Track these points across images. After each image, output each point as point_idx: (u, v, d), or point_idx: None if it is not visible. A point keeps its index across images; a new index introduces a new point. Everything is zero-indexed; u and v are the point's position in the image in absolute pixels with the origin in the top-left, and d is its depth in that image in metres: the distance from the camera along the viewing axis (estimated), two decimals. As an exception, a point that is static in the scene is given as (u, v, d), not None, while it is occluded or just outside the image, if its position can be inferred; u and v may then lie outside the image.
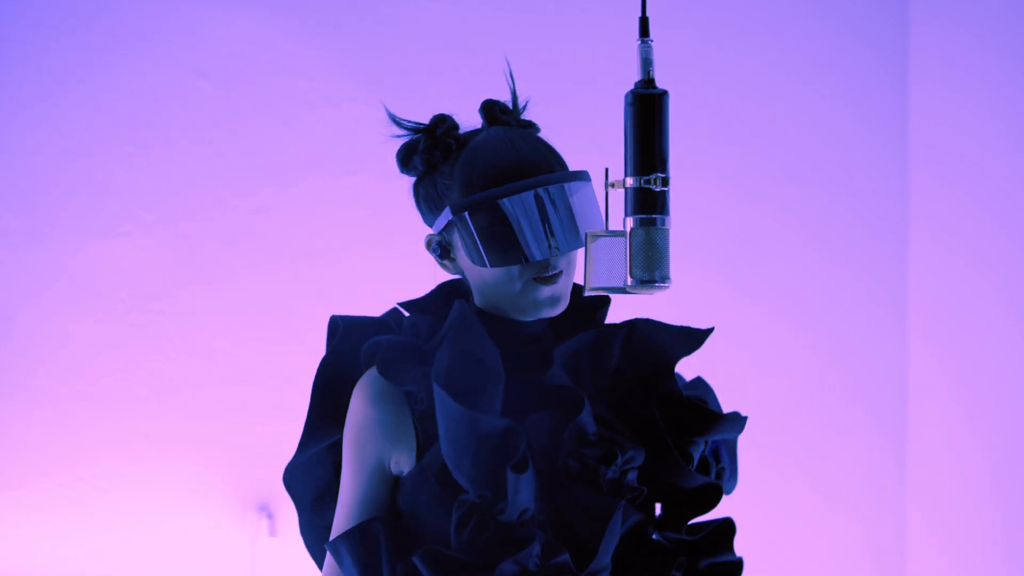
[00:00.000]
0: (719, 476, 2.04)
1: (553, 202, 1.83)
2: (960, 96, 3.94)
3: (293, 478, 2.02)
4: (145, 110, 3.57)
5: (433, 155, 1.91)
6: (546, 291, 1.86)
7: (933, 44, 4.04)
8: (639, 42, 1.75)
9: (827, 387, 4.05)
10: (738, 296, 3.98)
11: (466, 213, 1.82)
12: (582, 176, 1.88)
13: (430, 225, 1.94)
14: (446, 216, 1.86)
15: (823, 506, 4.04)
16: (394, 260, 3.53)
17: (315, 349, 2.14)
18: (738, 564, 1.99)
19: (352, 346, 1.94)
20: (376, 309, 2.06)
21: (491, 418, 1.78)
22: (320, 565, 2.02)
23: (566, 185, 1.85)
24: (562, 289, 1.88)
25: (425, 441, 1.85)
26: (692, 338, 1.96)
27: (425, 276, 2.07)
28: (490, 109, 1.97)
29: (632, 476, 1.88)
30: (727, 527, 1.99)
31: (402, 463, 1.88)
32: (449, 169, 1.89)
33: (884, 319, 4.10)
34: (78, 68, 3.53)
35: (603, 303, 1.97)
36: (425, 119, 1.96)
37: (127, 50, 3.57)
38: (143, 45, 3.57)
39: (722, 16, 4.02)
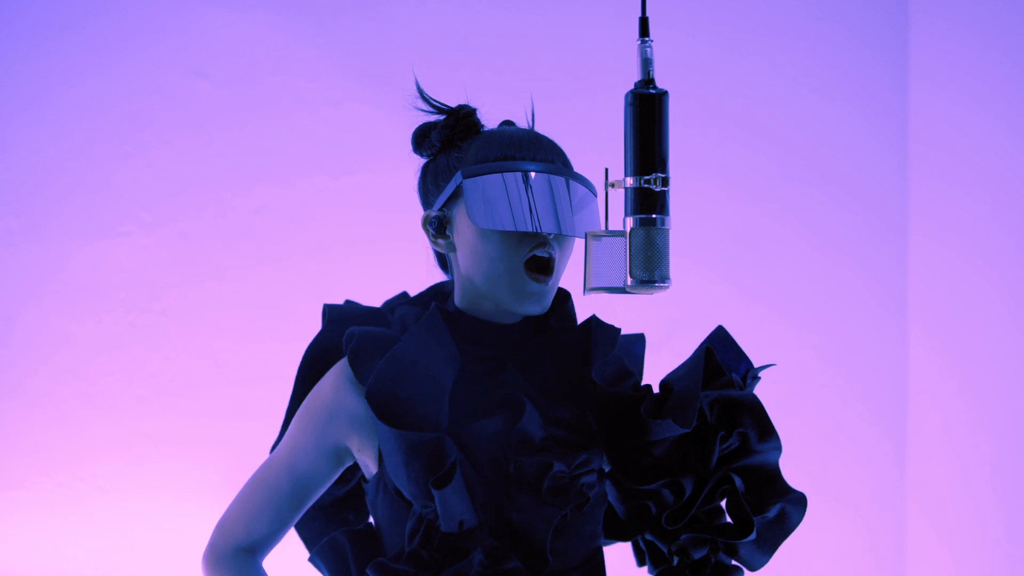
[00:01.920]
0: (744, 444, 1.92)
1: (556, 191, 1.84)
2: (960, 96, 3.94)
3: None
4: (145, 110, 3.57)
5: (453, 132, 1.92)
6: (534, 286, 1.86)
7: (933, 44, 4.04)
8: (639, 42, 1.75)
9: (827, 387, 4.05)
10: (738, 296, 3.98)
11: (482, 177, 1.83)
12: (592, 187, 1.89)
13: (429, 207, 1.95)
14: (453, 184, 1.87)
15: (823, 506, 4.04)
16: (394, 260, 3.53)
17: (315, 349, 2.14)
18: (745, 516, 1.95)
19: (339, 334, 1.95)
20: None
21: (415, 433, 1.77)
22: (307, 545, 2.03)
23: (577, 183, 1.87)
24: (549, 290, 1.88)
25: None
26: (608, 339, 1.94)
27: (424, 276, 2.07)
28: (507, 122, 2.00)
29: (589, 479, 1.87)
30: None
31: (367, 460, 1.87)
32: (466, 147, 1.90)
33: (884, 319, 4.10)
34: (78, 68, 3.54)
35: (564, 301, 1.96)
36: (426, 118, 1.98)
37: (127, 50, 3.57)
38: (143, 45, 3.58)
39: (722, 16, 4.02)
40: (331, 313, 1.99)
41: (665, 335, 3.63)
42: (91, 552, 3.46)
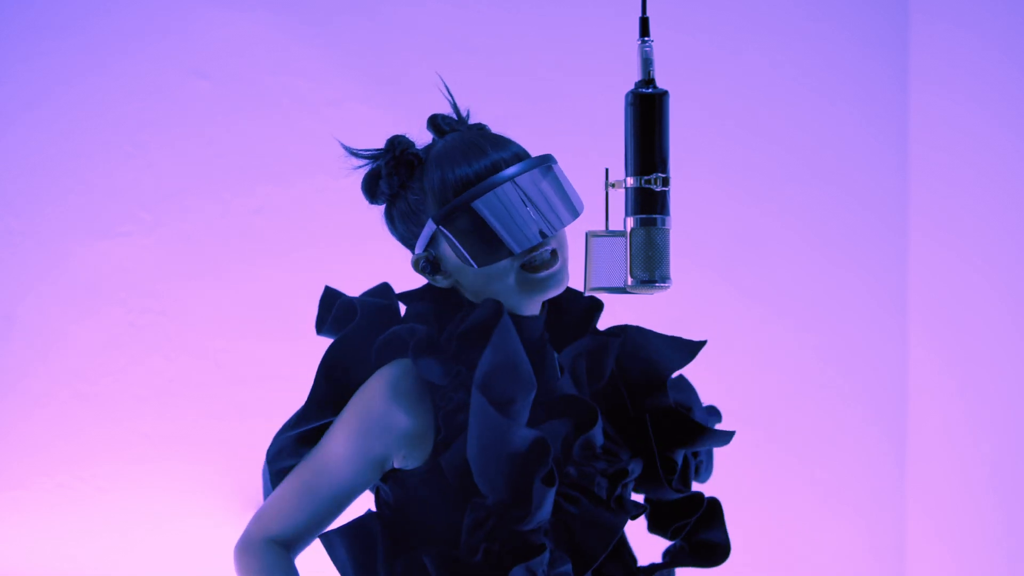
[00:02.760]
0: (697, 470, 2.04)
1: (527, 191, 1.82)
2: (960, 96, 3.94)
3: (279, 459, 1.98)
4: (145, 110, 3.57)
5: (399, 174, 1.91)
6: (543, 272, 1.85)
7: (933, 44, 4.04)
8: (639, 42, 1.75)
9: (827, 387, 4.05)
10: (738, 296, 3.97)
11: (453, 216, 1.82)
12: (548, 160, 1.87)
13: (412, 246, 1.93)
14: (429, 230, 1.86)
15: (823, 506, 4.04)
16: (394, 261, 3.53)
17: (315, 349, 2.14)
18: (726, 545, 2.00)
19: (366, 329, 1.93)
20: (376, 309, 2.05)
21: (524, 430, 1.77)
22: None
23: (538, 171, 1.85)
24: (558, 268, 1.87)
25: (446, 437, 1.83)
26: (685, 350, 1.94)
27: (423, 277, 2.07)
28: (437, 124, 1.97)
29: (631, 488, 1.89)
30: (713, 507, 2.02)
31: (411, 460, 1.86)
32: (418, 184, 1.89)
33: (884, 319, 4.10)
34: (78, 68, 3.53)
35: (597, 308, 1.96)
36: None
37: (127, 50, 3.57)
38: (143, 45, 3.57)
39: (722, 16, 4.01)
40: (361, 308, 1.95)
41: (665, 335, 3.62)
42: (91, 552, 3.46)
